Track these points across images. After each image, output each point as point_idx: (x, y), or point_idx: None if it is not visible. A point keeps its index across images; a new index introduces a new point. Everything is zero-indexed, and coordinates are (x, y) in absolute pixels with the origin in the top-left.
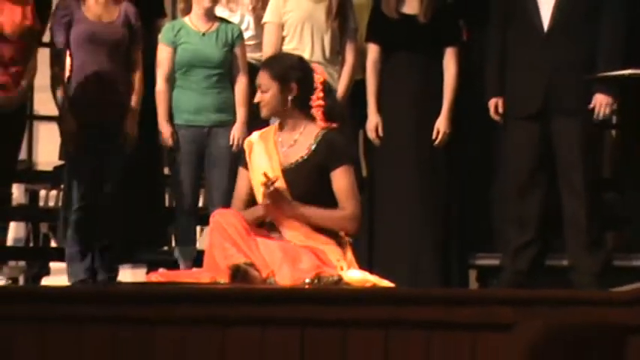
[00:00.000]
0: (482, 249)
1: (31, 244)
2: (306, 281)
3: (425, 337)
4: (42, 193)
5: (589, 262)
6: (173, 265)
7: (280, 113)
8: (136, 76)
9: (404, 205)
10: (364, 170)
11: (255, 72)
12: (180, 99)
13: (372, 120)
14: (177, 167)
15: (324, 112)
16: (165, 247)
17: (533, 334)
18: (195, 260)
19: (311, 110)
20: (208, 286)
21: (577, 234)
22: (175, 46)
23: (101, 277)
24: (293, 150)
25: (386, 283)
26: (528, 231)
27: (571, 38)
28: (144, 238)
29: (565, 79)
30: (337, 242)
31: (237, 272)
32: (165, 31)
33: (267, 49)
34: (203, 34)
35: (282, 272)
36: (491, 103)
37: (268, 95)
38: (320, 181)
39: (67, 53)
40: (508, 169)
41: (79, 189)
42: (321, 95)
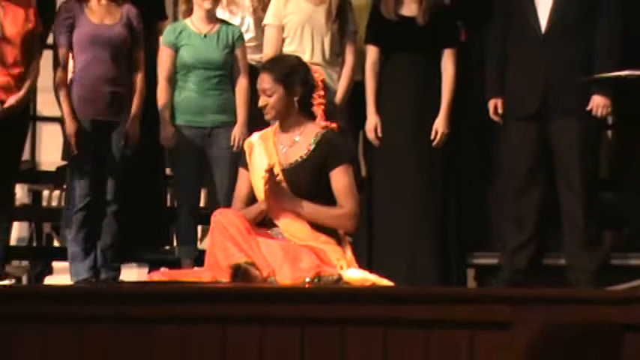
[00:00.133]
0: (480, 248)
1: (34, 244)
2: (307, 280)
3: (423, 335)
4: (45, 193)
5: (586, 261)
6: (175, 264)
7: (285, 115)
8: (138, 77)
9: (403, 204)
10: (363, 170)
11: (255, 73)
12: (181, 100)
13: (372, 121)
14: (178, 167)
15: (325, 110)
16: (167, 247)
17: (531, 332)
18: (197, 259)
19: (312, 109)
20: (209, 285)
21: (575, 233)
22: (177, 47)
23: (103, 276)
24: (293, 150)
25: (385, 282)
26: (526, 230)
27: (568, 39)
28: (146, 237)
29: (562, 80)
30: (337, 242)
31: (238, 271)
32: (167, 33)
33: (268, 51)
34: (204, 35)
35: (283, 271)
36: (491, 104)
37: (274, 99)
38: (319, 180)
39: (70, 55)
40: (506, 169)
41: (81, 189)
42: (322, 94)
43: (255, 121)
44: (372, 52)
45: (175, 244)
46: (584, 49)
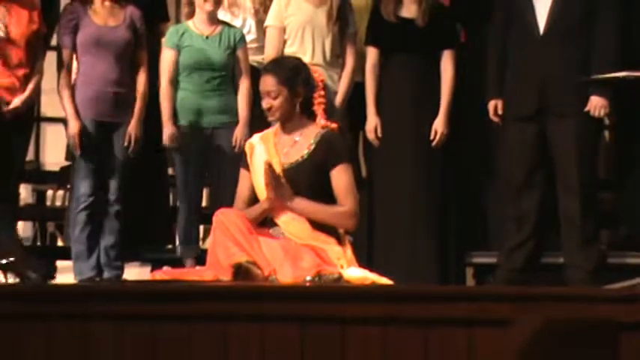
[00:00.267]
0: (479, 247)
1: (38, 243)
2: (307, 279)
3: (423, 333)
4: (49, 193)
5: (584, 260)
6: (177, 263)
7: (289, 117)
8: (141, 78)
9: (402, 204)
10: (363, 170)
11: (257, 74)
12: (183, 101)
13: (372, 121)
14: (180, 168)
15: (325, 109)
16: (170, 246)
17: (529, 330)
18: (199, 258)
19: (313, 108)
20: (211, 283)
21: (572, 232)
22: (179, 49)
23: (107, 275)
24: (293, 150)
25: (385, 281)
26: (524, 230)
27: (566, 41)
28: (149, 237)
29: (561, 81)
30: (337, 241)
31: (240, 270)
32: (170, 34)
33: (270, 53)
34: (206, 37)
35: (284, 270)
36: (491, 105)
37: (279, 101)
38: (320, 180)
39: (74, 57)
40: (505, 169)
41: (85, 189)
42: (322, 93)
43: (257, 122)
44: (372, 54)
45: (178, 243)
46: (583, 50)
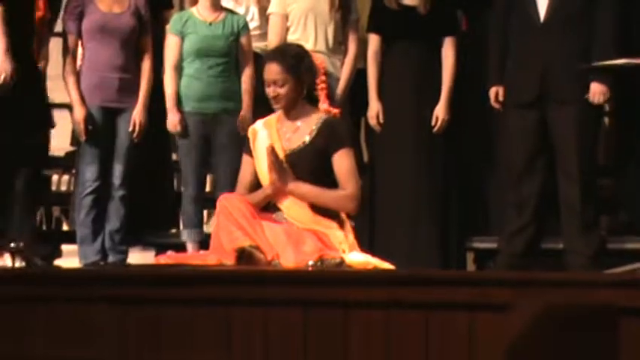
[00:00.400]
0: (480, 232)
1: (43, 227)
2: (310, 263)
3: (424, 317)
4: (54, 177)
5: (584, 245)
6: (181, 247)
7: (294, 104)
8: (146, 64)
9: (404, 190)
10: (365, 156)
11: (260, 61)
12: (187, 87)
13: (373, 107)
14: (184, 153)
15: (327, 94)
16: (174, 231)
17: (529, 314)
18: (203, 243)
19: (315, 93)
20: (215, 267)
21: (572, 218)
22: (183, 35)
23: (111, 259)
24: (295, 136)
25: (386, 266)
26: (525, 215)
27: (567, 28)
28: (153, 221)
29: (561, 68)
30: (340, 226)
31: (243, 254)
32: (174, 21)
33: (273, 40)
34: (210, 24)
35: (287, 255)
36: (492, 92)
37: (285, 89)
38: (322, 165)
39: (79, 43)
40: (506, 155)
41: (90, 174)
42: (323, 78)
43: (260, 108)
44: (373, 41)
45: (181, 228)
46: (583, 38)
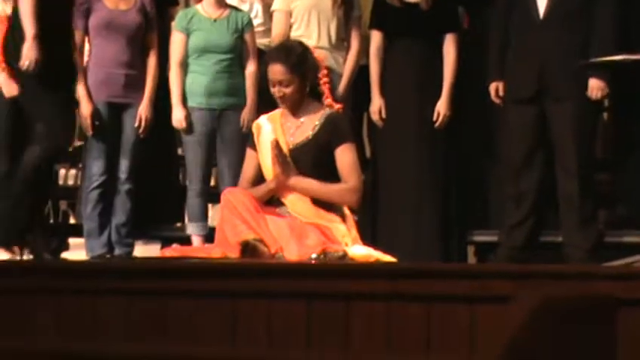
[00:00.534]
0: (480, 226)
1: (51, 221)
2: (313, 256)
3: (426, 309)
4: (61, 172)
5: (582, 239)
6: (186, 240)
7: (300, 102)
8: (151, 61)
9: (406, 184)
10: (368, 151)
11: (264, 57)
12: (193, 83)
13: (376, 103)
14: (189, 148)
15: (330, 88)
16: (179, 224)
17: (529, 306)
18: (207, 236)
19: (318, 88)
20: (219, 260)
21: (571, 212)
22: (188, 32)
23: (117, 252)
24: (299, 131)
25: (389, 258)
26: (524, 209)
27: (566, 25)
28: (158, 215)
29: (560, 64)
30: (342, 220)
31: (247, 247)
32: (179, 18)
33: (276, 36)
34: (214, 20)
35: (290, 248)
36: (492, 87)
37: (291, 89)
38: (325, 159)
39: (86, 39)
40: (506, 150)
41: (97, 168)
42: (325, 72)
43: (264, 103)
44: (376, 37)
45: (187, 221)
46: (582, 35)
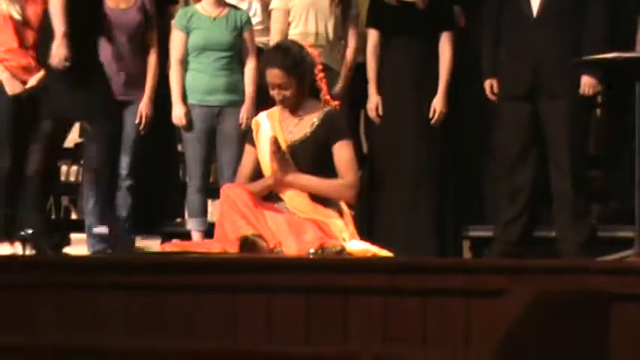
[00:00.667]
0: (476, 221)
1: (53, 217)
2: (311, 251)
3: (422, 303)
4: (63, 168)
5: (575, 234)
6: (186, 236)
7: (300, 102)
8: (152, 59)
9: (402, 180)
10: (365, 148)
11: (262, 57)
12: (193, 80)
13: (373, 100)
14: (188, 144)
15: (327, 83)
16: (179, 220)
17: (523, 300)
18: (207, 232)
19: (316, 85)
20: (219, 255)
21: (564, 207)
22: (188, 31)
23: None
24: (298, 128)
25: (385, 253)
26: (518, 204)
27: (558, 24)
28: (159, 211)
29: (553, 62)
30: (340, 215)
31: (246, 243)
32: (179, 17)
33: (275, 34)
34: (214, 19)
35: (288, 243)
36: (487, 84)
37: (291, 92)
38: (322, 156)
39: None
40: (500, 146)
41: None
42: (320, 67)
43: (263, 100)
44: (373, 35)
45: (186, 217)
46: (574, 33)
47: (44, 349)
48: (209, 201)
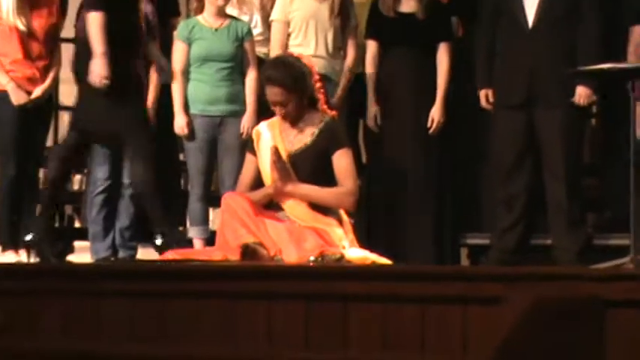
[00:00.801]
0: (473, 229)
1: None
2: (311, 259)
3: (420, 310)
4: None
5: (570, 242)
6: (188, 244)
7: (301, 114)
8: (154, 69)
9: (401, 188)
10: (364, 157)
11: (262, 68)
12: (195, 91)
13: (372, 110)
14: (190, 154)
15: (325, 93)
16: (181, 228)
17: (520, 307)
18: (208, 240)
19: (314, 94)
20: (220, 263)
21: (559, 215)
22: (190, 42)
23: (121, 254)
24: (298, 137)
25: (384, 261)
26: (515, 212)
27: (553, 34)
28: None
29: (548, 72)
30: (339, 223)
31: (247, 250)
32: (181, 28)
33: (275, 46)
34: (215, 30)
35: (289, 251)
36: (482, 94)
37: (291, 107)
38: (322, 165)
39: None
40: (496, 155)
41: (102, 173)
42: (317, 78)
43: (263, 110)
44: (372, 46)
45: (188, 225)
46: (569, 43)
47: (48, 356)
48: (210, 209)
